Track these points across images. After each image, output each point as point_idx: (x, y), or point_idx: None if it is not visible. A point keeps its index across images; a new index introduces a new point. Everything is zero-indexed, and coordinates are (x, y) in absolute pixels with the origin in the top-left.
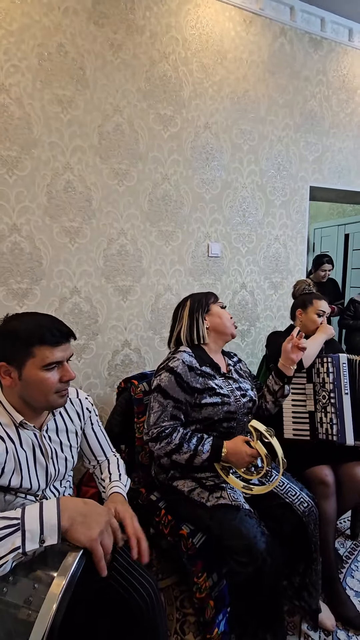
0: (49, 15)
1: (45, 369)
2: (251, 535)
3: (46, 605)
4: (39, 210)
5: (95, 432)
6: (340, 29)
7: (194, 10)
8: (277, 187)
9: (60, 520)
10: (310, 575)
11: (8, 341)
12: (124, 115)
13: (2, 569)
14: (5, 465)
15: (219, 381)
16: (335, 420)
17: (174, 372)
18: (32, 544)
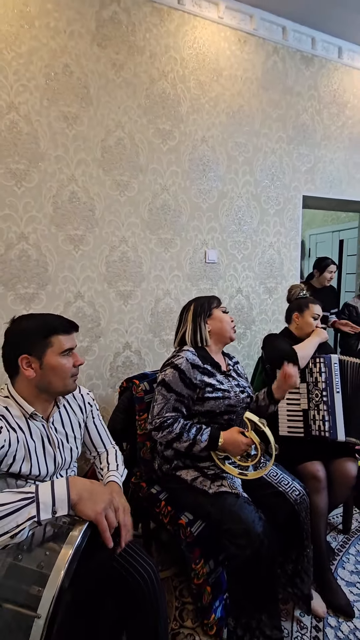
0: (56, 38)
1: (62, 355)
2: (250, 520)
3: (56, 566)
4: (45, 219)
5: (96, 425)
6: (330, 47)
7: (191, 31)
8: (271, 197)
9: (70, 495)
10: (302, 562)
11: (25, 336)
12: (126, 130)
13: (20, 535)
14: (16, 453)
15: (220, 378)
16: (328, 417)
17: (178, 369)
18: (46, 514)
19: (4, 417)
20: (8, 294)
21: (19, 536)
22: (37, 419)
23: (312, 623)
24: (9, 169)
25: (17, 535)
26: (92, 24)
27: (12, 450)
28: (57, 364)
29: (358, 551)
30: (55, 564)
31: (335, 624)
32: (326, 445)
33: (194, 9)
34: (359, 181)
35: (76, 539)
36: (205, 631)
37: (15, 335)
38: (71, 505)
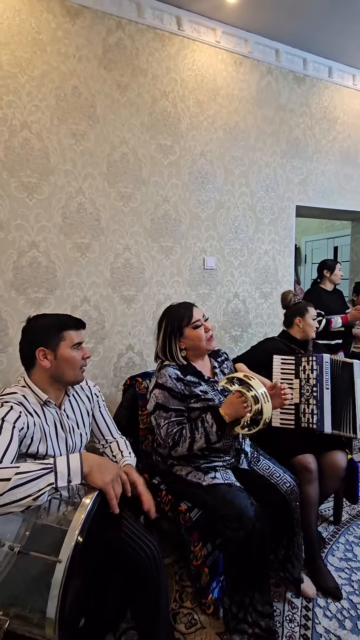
0: (66, 63)
1: (73, 348)
2: (242, 505)
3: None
4: (55, 228)
5: (103, 415)
6: (320, 67)
7: (191, 54)
8: (265, 207)
9: (82, 467)
10: (292, 548)
11: (42, 332)
12: (129, 146)
13: (40, 498)
14: (34, 435)
15: (204, 387)
16: (316, 411)
17: (165, 388)
18: (62, 482)
19: (22, 404)
20: (19, 298)
21: (40, 499)
22: (50, 405)
23: (303, 604)
24: (22, 182)
25: (38, 498)
26: (99, 49)
27: (30, 432)
28: (69, 355)
29: (347, 540)
30: (71, 524)
31: (324, 605)
32: (317, 439)
33: (193, 34)
34: (349, 192)
35: (87, 505)
36: (203, 610)
37: (33, 331)
38: (83, 475)
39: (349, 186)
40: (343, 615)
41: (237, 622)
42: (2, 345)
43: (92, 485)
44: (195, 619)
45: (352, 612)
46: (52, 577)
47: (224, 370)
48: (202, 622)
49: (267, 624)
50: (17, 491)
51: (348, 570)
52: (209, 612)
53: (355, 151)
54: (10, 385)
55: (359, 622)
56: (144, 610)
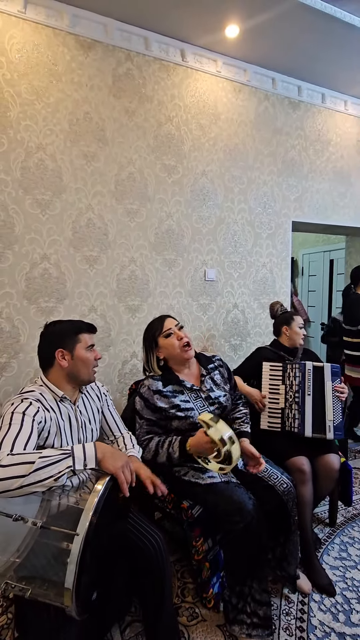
0: (79, 91)
1: (88, 350)
2: (241, 499)
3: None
4: (65, 242)
5: (112, 412)
6: (314, 94)
7: (194, 83)
8: (263, 222)
9: (97, 453)
10: (289, 546)
11: (60, 334)
12: (136, 166)
13: (60, 479)
14: (50, 429)
15: (185, 396)
16: (298, 416)
17: (142, 397)
18: (79, 466)
19: (40, 400)
20: (31, 307)
21: (60, 480)
22: (66, 402)
23: (299, 598)
24: (36, 199)
25: (58, 479)
26: (109, 78)
27: (47, 426)
28: (84, 356)
29: (342, 541)
30: (87, 503)
31: (319, 599)
32: (311, 442)
33: (196, 65)
34: (342, 208)
35: (99, 489)
36: (204, 604)
37: (52, 334)
38: (97, 460)
39: (342, 203)
40: (337, 609)
41: (237, 613)
42: (13, 352)
43: (104, 470)
44: (197, 612)
45: (346, 606)
46: (70, 550)
47: (214, 378)
48: (203, 615)
49: (264, 612)
50: (41, 472)
51: (342, 568)
52: (210, 606)
53: (348, 170)
54: (21, 388)
55: (352, 616)
56: (149, 598)
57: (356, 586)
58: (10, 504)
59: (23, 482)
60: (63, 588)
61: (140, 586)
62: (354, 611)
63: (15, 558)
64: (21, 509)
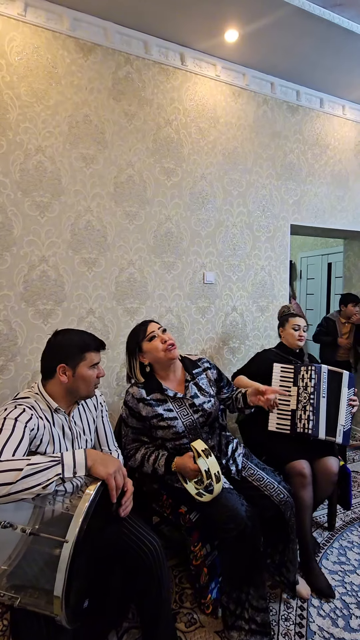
0: (78, 94)
1: (91, 368)
2: (235, 506)
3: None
4: (64, 244)
5: (104, 425)
6: (312, 98)
7: (193, 87)
8: (262, 225)
9: (87, 460)
10: (288, 554)
11: (66, 349)
12: (135, 169)
13: (49, 487)
14: (43, 437)
15: (168, 405)
16: (312, 417)
17: (127, 405)
18: (68, 473)
19: (33, 408)
20: (29, 310)
21: (48, 488)
22: (60, 412)
23: (298, 603)
24: (35, 201)
25: (47, 487)
26: (109, 81)
27: (40, 434)
28: (86, 374)
29: (341, 545)
30: (76, 511)
31: (318, 604)
32: (310, 445)
33: (195, 69)
34: (340, 212)
35: (90, 495)
36: (202, 610)
37: (57, 347)
38: (87, 467)
39: (340, 206)
40: (336, 614)
41: (235, 619)
42: (10, 355)
43: (96, 476)
44: (195, 618)
45: (345, 611)
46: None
47: (198, 383)
48: (202, 621)
49: (262, 618)
50: (29, 480)
51: (341, 572)
52: (208, 612)
53: (346, 174)
54: (18, 392)
55: (351, 621)
56: (146, 604)
57: (355, 591)
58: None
59: (10, 490)
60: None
61: (137, 592)
62: (353, 616)
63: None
64: (12, 516)
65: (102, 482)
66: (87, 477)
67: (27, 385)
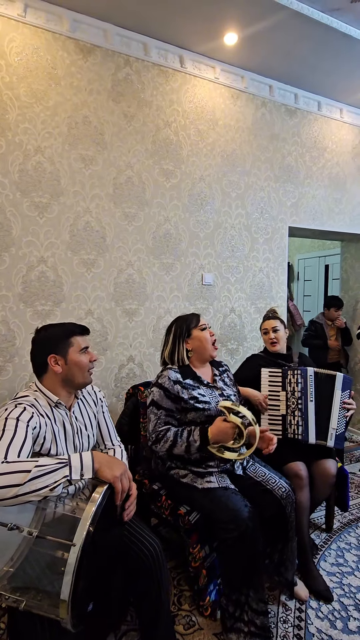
0: (78, 95)
1: (81, 352)
2: (237, 507)
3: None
4: (63, 245)
5: (106, 420)
6: (310, 101)
7: (192, 89)
8: (260, 227)
9: (94, 463)
10: (287, 552)
11: (52, 340)
12: (134, 170)
13: (56, 489)
14: (45, 435)
15: (202, 390)
16: (301, 422)
17: (162, 387)
18: (76, 475)
19: (34, 406)
20: (27, 310)
21: (55, 490)
22: (60, 407)
23: (296, 605)
24: (34, 202)
25: (54, 489)
26: (108, 83)
27: (42, 432)
28: (78, 359)
29: (338, 547)
30: (83, 514)
31: (316, 606)
32: (308, 447)
33: (194, 71)
34: (337, 214)
35: (97, 498)
36: (201, 612)
37: (43, 340)
38: (94, 470)
39: (338, 209)
40: (334, 616)
41: (234, 621)
42: (9, 355)
43: (102, 479)
44: (194, 620)
45: (343, 613)
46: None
47: (224, 379)
48: (200, 623)
49: (262, 621)
50: (37, 482)
51: (339, 574)
52: (207, 614)
53: (343, 177)
54: (17, 392)
55: (349, 623)
56: (145, 606)
57: (353, 593)
58: (3, 512)
59: (18, 492)
60: (58, 599)
61: (136, 594)
62: (352, 618)
63: (9, 567)
64: (15, 517)
65: (109, 485)
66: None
67: (25, 386)
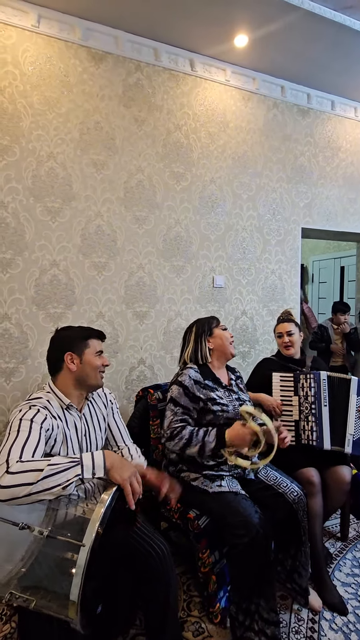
0: (89, 101)
1: (96, 355)
2: (247, 512)
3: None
4: (74, 249)
5: (117, 422)
6: (323, 101)
7: (202, 92)
8: (272, 229)
9: (105, 462)
10: (300, 558)
11: (70, 339)
12: (145, 174)
13: (68, 488)
14: (57, 437)
15: (220, 392)
16: (315, 428)
17: (182, 385)
18: (88, 474)
19: (47, 408)
20: (40, 313)
21: (68, 489)
22: (72, 409)
23: (309, 616)
24: (46, 207)
25: (66, 487)
26: (119, 88)
27: (54, 434)
28: (92, 361)
29: (354, 556)
30: (92, 516)
31: (330, 617)
32: (322, 454)
33: (205, 74)
34: (352, 214)
35: (106, 500)
36: (211, 619)
37: (62, 339)
38: (106, 470)
39: (353, 209)
40: (349, 629)
41: (244, 630)
42: (22, 357)
43: (112, 480)
44: (203, 627)
45: (358, 625)
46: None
47: (239, 385)
48: (210, 631)
49: (272, 632)
50: (49, 480)
51: (355, 585)
52: (216, 622)
53: (358, 177)
54: (29, 393)
55: None
56: (153, 609)
57: None
58: (14, 511)
59: (31, 490)
60: (67, 600)
61: (144, 597)
62: None
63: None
64: (26, 517)
65: (118, 487)
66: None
67: (38, 388)
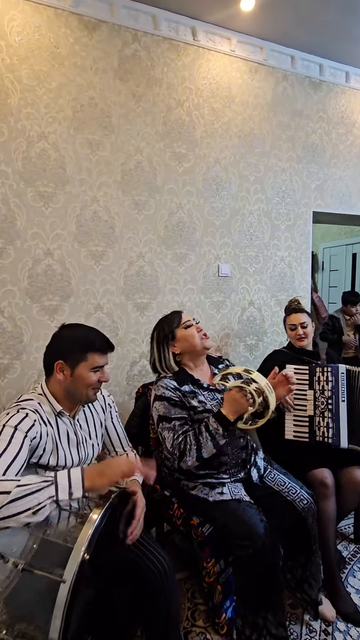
0: (82, 75)
1: (92, 371)
2: (252, 522)
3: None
4: (70, 237)
5: (115, 426)
6: (337, 72)
7: (205, 64)
8: (281, 213)
9: (84, 480)
10: (310, 567)
11: (68, 346)
12: (144, 154)
13: (41, 512)
14: (46, 446)
15: (203, 396)
16: (332, 425)
17: (163, 398)
18: (63, 495)
19: (37, 412)
20: (34, 306)
21: (40, 512)
22: (64, 416)
23: (322, 627)
24: (38, 191)
25: (38, 512)
26: (115, 61)
27: (43, 442)
28: (85, 377)
29: None
30: (78, 539)
31: (344, 629)
32: (335, 453)
33: (208, 44)
34: None
35: (95, 520)
36: (217, 630)
37: (58, 342)
38: (86, 488)
39: None
40: None
41: None
42: (16, 353)
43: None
44: (208, 638)
45: None
46: (57, 593)
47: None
48: None
49: None
50: (16, 504)
51: None
52: (222, 633)
53: None
54: (24, 391)
55: None
56: (154, 625)
57: None
58: None
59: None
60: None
61: (144, 614)
62: None
63: None
64: (8, 541)
65: (109, 505)
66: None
67: (34, 384)
